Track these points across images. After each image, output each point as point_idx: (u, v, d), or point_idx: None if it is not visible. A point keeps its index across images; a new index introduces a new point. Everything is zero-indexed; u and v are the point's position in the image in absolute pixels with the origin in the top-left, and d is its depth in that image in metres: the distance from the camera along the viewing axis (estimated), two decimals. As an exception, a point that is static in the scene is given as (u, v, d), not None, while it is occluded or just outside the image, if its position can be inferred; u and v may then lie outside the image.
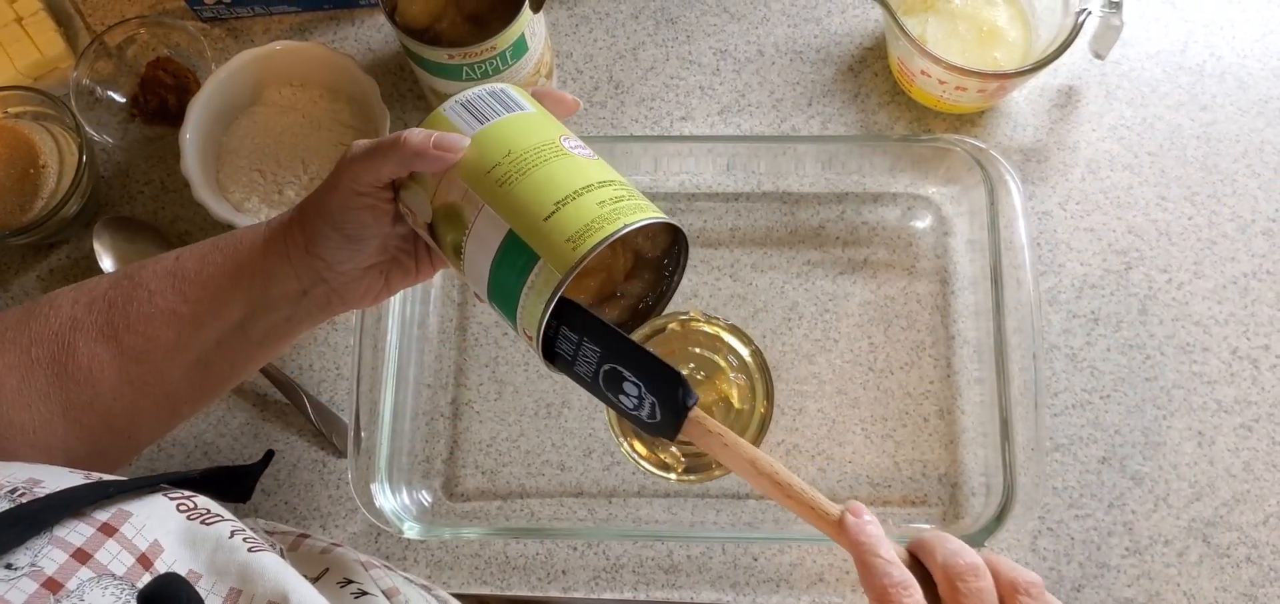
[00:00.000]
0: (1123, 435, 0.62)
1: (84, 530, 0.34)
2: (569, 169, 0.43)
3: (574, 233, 0.41)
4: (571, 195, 0.42)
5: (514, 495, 0.63)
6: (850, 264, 0.66)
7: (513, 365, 0.65)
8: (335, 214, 0.46)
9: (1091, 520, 0.60)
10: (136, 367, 0.45)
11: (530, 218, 0.42)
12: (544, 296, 0.42)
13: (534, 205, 0.42)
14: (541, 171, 0.43)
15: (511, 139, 0.44)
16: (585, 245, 0.41)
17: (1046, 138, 0.68)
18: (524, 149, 0.44)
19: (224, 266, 0.46)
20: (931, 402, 0.63)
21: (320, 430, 0.64)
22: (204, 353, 0.47)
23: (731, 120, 0.70)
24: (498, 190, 0.43)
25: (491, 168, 0.43)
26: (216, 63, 0.70)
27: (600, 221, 0.41)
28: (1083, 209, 0.67)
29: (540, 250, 0.42)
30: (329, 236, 0.46)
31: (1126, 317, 0.64)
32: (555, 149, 0.44)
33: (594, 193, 0.43)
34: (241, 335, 0.48)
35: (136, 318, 0.45)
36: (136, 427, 0.48)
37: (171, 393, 0.48)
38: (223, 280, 0.46)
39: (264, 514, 0.63)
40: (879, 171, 0.66)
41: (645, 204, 0.44)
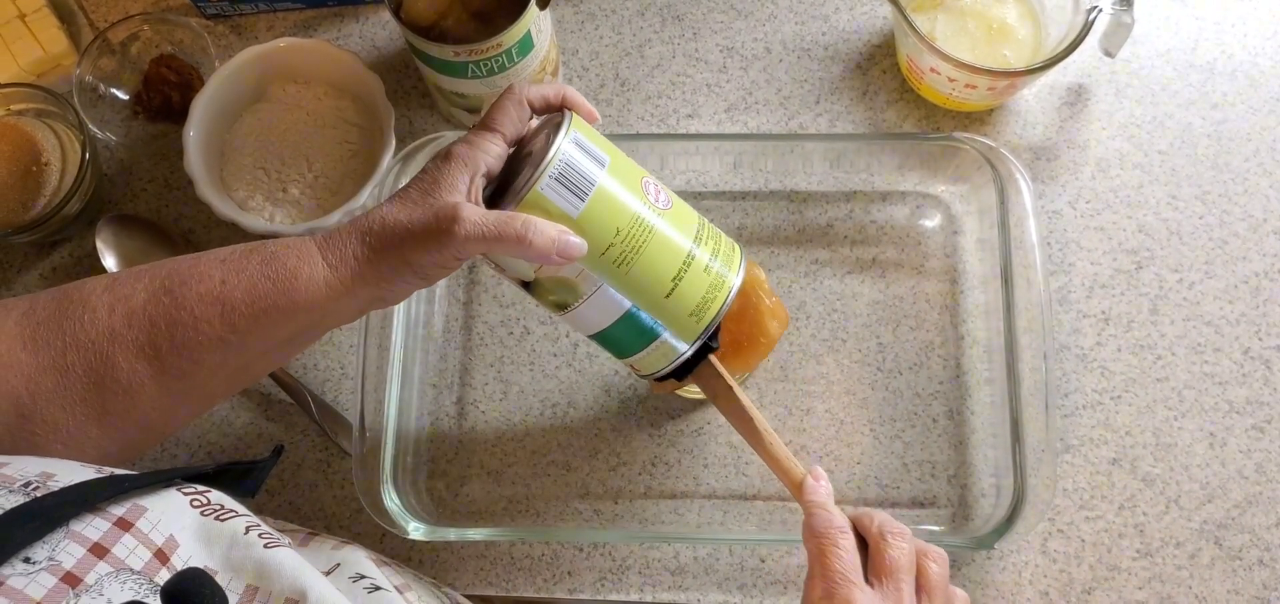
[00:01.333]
0: (1133, 436, 0.61)
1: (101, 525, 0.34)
2: (670, 236, 0.47)
3: (694, 307, 0.48)
4: (682, 268, 0.47)
5: (519, 496, 0.62)
6: (858, 263, 0.65)
7: (518, 365, 0.65)
8: (428, 272, 0.45)
9: (1102, 522, 0.60)
10: (179, 383, 0.45)
11: (651, 297, 0.47)
12: (669, 358, 0.50)
13: (654, 285, 0.47)
14: (651, 247, 0.47)
15: (616, 213, 0.46)
16: (706, 319, 0.48)
17: (1056, 136, 0.68)
18: (629, 222, 0.46)
19: (279, 304, 0.44)
20: (940, 402, 0.63)
21: (325, 430, 0.64)
22: (245, 364, 0.47)
23: (739, 118, 0.70)
24: (615, 271, 0.47)
25: (606, 249, 0.46)
26: (220, 60, 0.69)
27: (712, 292, 0.48)
28: (1093, 208, 0.66)
29: (664, 324, 0.48)
30: (408, 280, 0.46)
31: (1137, 316, 0.64)
32: (654, 212, 0.47)
33: (697, 259, 0.48)
34: (285, 349, 0.48)
35: (181, 342, 0.44)
36: (170, 428, 0.48)
37: (209, 398, 0.48)
38: (275, 316, 0.45)
39: (269, 514, 0.62)
40: (887, 170, 0.65)
41: (732, 248, 0.50)
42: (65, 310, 0.44)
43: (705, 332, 0.48)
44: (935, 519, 0.60)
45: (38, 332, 0.43)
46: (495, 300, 0.66)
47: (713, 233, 0.50)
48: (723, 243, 0.50)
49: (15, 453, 0.42)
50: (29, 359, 0.43)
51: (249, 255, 0.45)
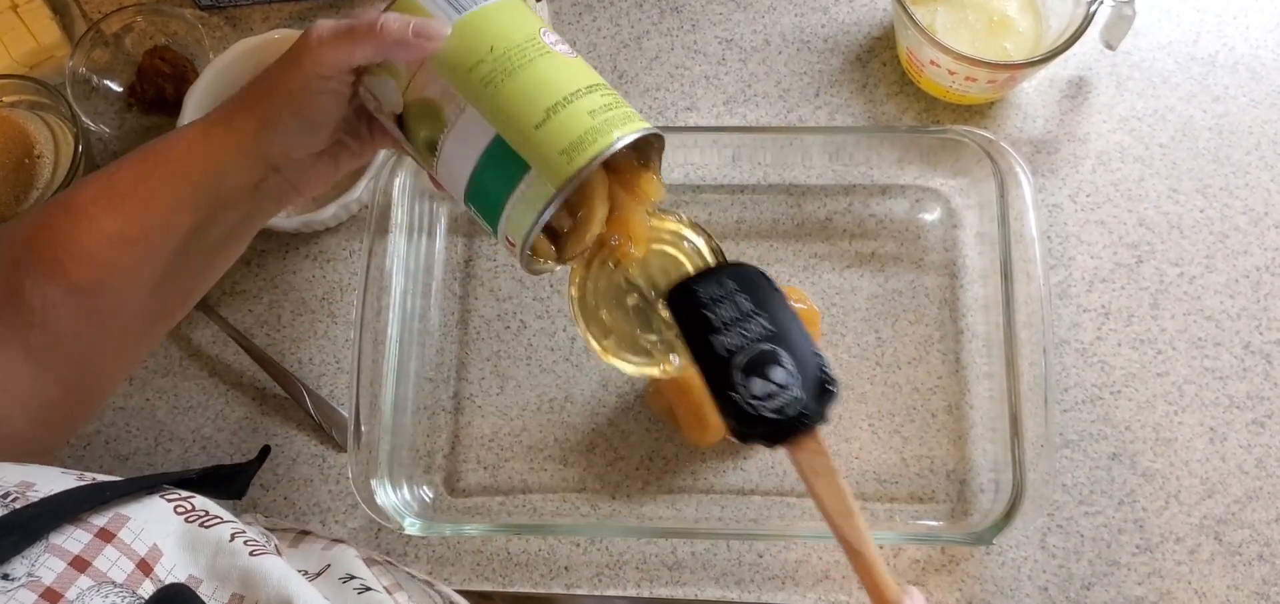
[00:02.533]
0: (1133, 431, 0.61)
1: (81, 537, 0.33)
2: (557, 70, 0.42)
3: (567, 144, 0.40)
4: (561, 101, 0.41)
5: (516, 491, 0.62)
6: (857, 257, 0.65)
7: (515, 359, 0.64)
8: (295, 96, 0.43)
9: (1101, 517, 0.59)
10: (92, 299, 0.43)
11: (520, 125, 0.41)
12: (536, 208, 0.41)
13: (524, 111, 0.41)
14: (529, 73, 0.41)
15: (494, 32, 0.42)
16: (580, 160, 0.40)
17: (1057, 129, 0.67)
18: (507, 45, 0.42)
19: (165, 177, 0.43)
20: (940, 397, 0.62)
21: (320, 425, 0.63)
22: (162, 272, 0.45)
23: (737, 111, 0.69)
24: (483, 91, 0.42)
25: (475, 64, 0.42)
26: (214, 52, 0.69)
27: (593, 134, 0.40)
28: (1093, 202, 0.66)
29: (531, 160, 0.41)
30: (285, 122, 0.44)
31: (1137, 311, 0.63)
32: (538, 47, 0.42)
33: (584, 100, 0.41)
34: (198, 243, 0.45)
35: (80, 248, 0.42)
36: (107, 361, 0.46)
37: (137, 318, 0.46)
38: (166, 191, 0.43)
39: (263, 509, 0.62)
40: (887, 163, 0.65)
41: (632, 113, 0.43)
42: None
43: (576, 175, 0.39)
44: (934, 514, 0.60)
45: None
46: (492, 294, 0.66)
47: (615, 98, 0.43)
48: (623, 108, 0.43)
49: None
50: None
51: (138, 149, 0.44)
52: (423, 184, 0.64)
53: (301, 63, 0.43)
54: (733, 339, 0.39)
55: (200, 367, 0.65)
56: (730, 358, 0.38)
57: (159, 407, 0.65)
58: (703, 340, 0.40)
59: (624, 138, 0.41)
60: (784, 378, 0.38)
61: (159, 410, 0.65)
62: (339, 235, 0.68)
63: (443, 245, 0.66)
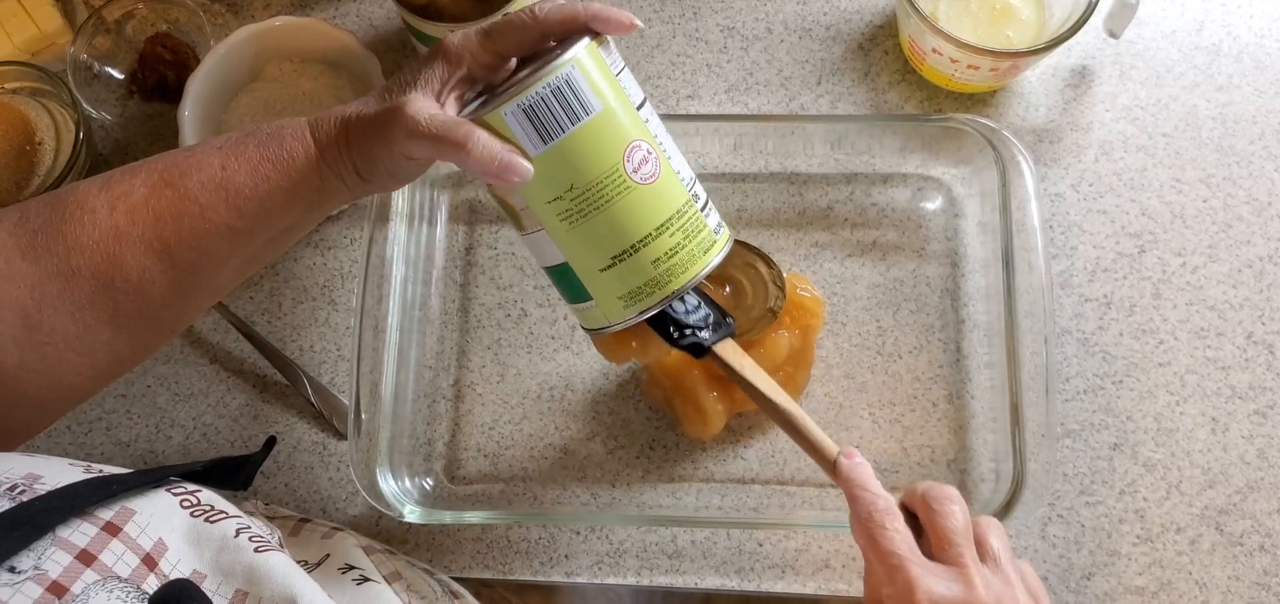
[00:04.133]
0: (1135, 421, 0.61)
1: (88, 530, 0.33)
2: (633, 211, 0.44)
3: (629, 292, 0.45)
4: (629, 249, 0.44)
5: (516, 479, 0.62)
6: (859, 246, 0.65)
7: (515, 348, 0.64)
8: (386, 166, 0.44)
9: (1102, 507, 0.59)
10: (189, 276, 0.44)
11: (588, 264, 0.45)
12: (595, 326, 0.48)
13: (593, 254, 0.45)
14: (603, 216, 0.44)
15: (576, 168, 0.43)
16: (635, 309, 0.45)
17: (1059, 118, 0.67)
18: (587, 185, 0.43)
19: (280, 184, 0.44)
20: (940, 386, 0.62)
21: (321, 413, 0.63)
22: (253, 254, 0.47)
23: (739, 99, 0.69)
24: (558, 224, 0.44)
25: (553, 199, 0.44)
26: (216, 38, 0.69)
27: (654, 286, 0.45)
28: (1095, 191, 0.65)
29: (594, 294, 0.46)
30: (382, 178, 0.46)
31: (1140, 301, 0.63)
32: (619, 182, 0.43)
33: (653, 245, 0.44)
34: (287, 235, 0.48)
35: (190, 233, 0.43)
36: (181, 323, 0.48)
37: (217, 290, 0.48)
38: (279, 197, 0.44)
39: (264, 497, 0.62)
40: (889, 152, 0.65)
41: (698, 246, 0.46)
42: (63, 215, 0.43)
43: (632, 322, 0.46)
44: (934, 504, 0.60)
45: (36, 238, 0.42)
46: (492, 282, 0.66)
47: (693, 223, 0.45)
48: (698, 237, 0.46)
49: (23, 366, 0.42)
50: (30, 268, 0.42)
51: (246, 139, 0.45)
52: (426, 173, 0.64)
53: (392, 145, 0.43)
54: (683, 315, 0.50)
55: (201, 354, 0.66)
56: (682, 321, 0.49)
57: (160, 393, 0.65)
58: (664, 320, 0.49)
59: (677, 290, 0.45)
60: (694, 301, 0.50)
61: (160, 397, 0.65)
62: (340, 222, 0.68)
63: (443, 233, 0.66)
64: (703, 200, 0.47)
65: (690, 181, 0.47)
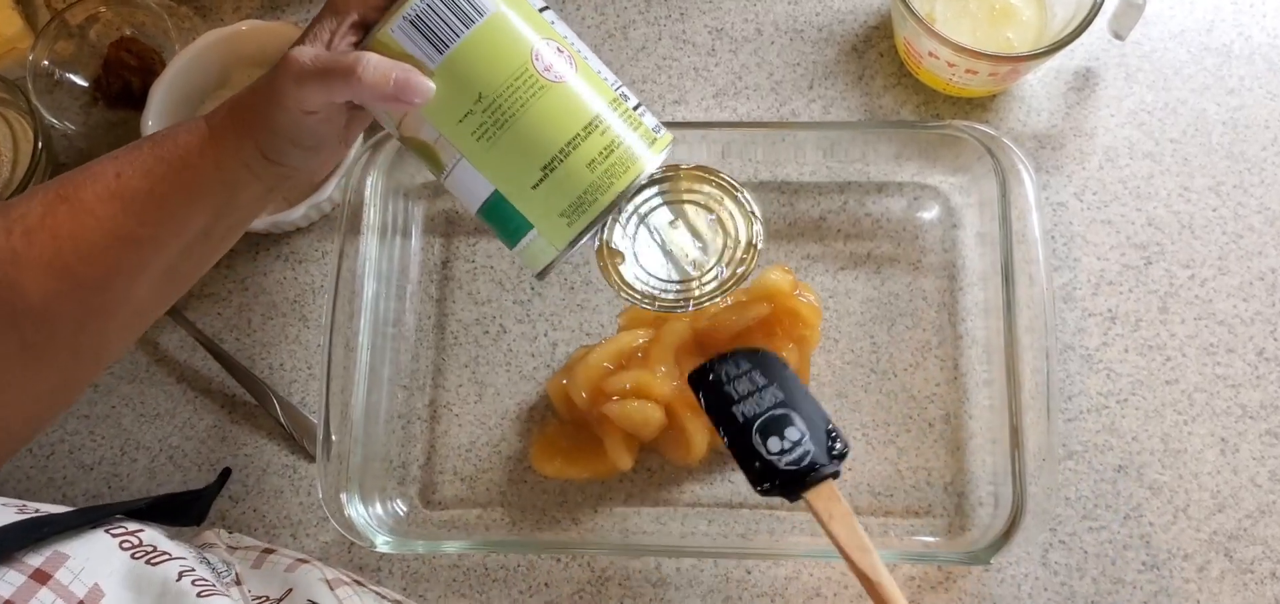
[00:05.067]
0: (1140, 442, 0.58)
1: (14, 579, 0.31)
2: (553, 112, 0.40)
3: (568, 207, 0.40)
4: (558, 155, 0.40)
5: (494, 504, 0.59)
6: (852, 258, 0.62)
7: (494, 366, 0.62)
8: (287, 133, 0.42)
9: (1106, 533, 0.57)
10: (99, 296, 0.42)
11: (517, 183, 0.41)
12: (545, 259, 0.42)
13: (520, 169, 0.40)
14: (521, 123, 0.39)
15: (481, 73, 0.39)
16: (581, 223, 0.40)
17: (1062, 123, 0.65)
18: (497, 90, 0.39)
19: (178, 183, 0.42)
20: (937, 405, 0.60)
21: (290, 434, 0.61)
22: (169, 266, 0.44)
23: (727, 104, 0.66)
24: (475, 145, 0.40)
25: (464, 116, 0.40)
26: (182, 42, 0.66)
27: (593, 192, 0.40)
28: (1100, 200, 0.63)
29: (532, 219, 0.41)
30: (288, 151, 0.43)
31: (1146, 315, 0.60)
32: (530, 82, 0.40)
33: (583, 147, 0.40)
34: (205, 240, 0.45)
35: (89, 248, 0.41)
36: (105, 347, 0.45)
37: (138, 311, 0.45)
38: (179, 197, 0.42)
39: (231, 523, 0.60)
40: (884, 160, 0.62)
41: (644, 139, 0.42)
42: None
43: (579, 238, 0.41)
44: (930, 529, 0.58)
45: None
46: (470, 297, 0.63)
47: (626, 120, 0.42)
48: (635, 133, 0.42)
49: None
50: None
51: (141, 143, 0.43)
52: (397, 182, 0.61)
53: (284, 101, 0.41)
54: (749, 407, 0.45)
55: (167, 372, 0.63)
56: (749, 423, 0.45)
57: (124, 414, 0.62)
58: (726, 412, 0.45)
59: (624, 187, 0.41)
60: (795, 435, 0.44)
61: (124, 418, 0.62)
62: (310, 235, 0.65)
63: (418, 246, 0.64)
64: (635, 102, 0.43)
65: (616, 84, 0.43)
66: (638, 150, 0.41)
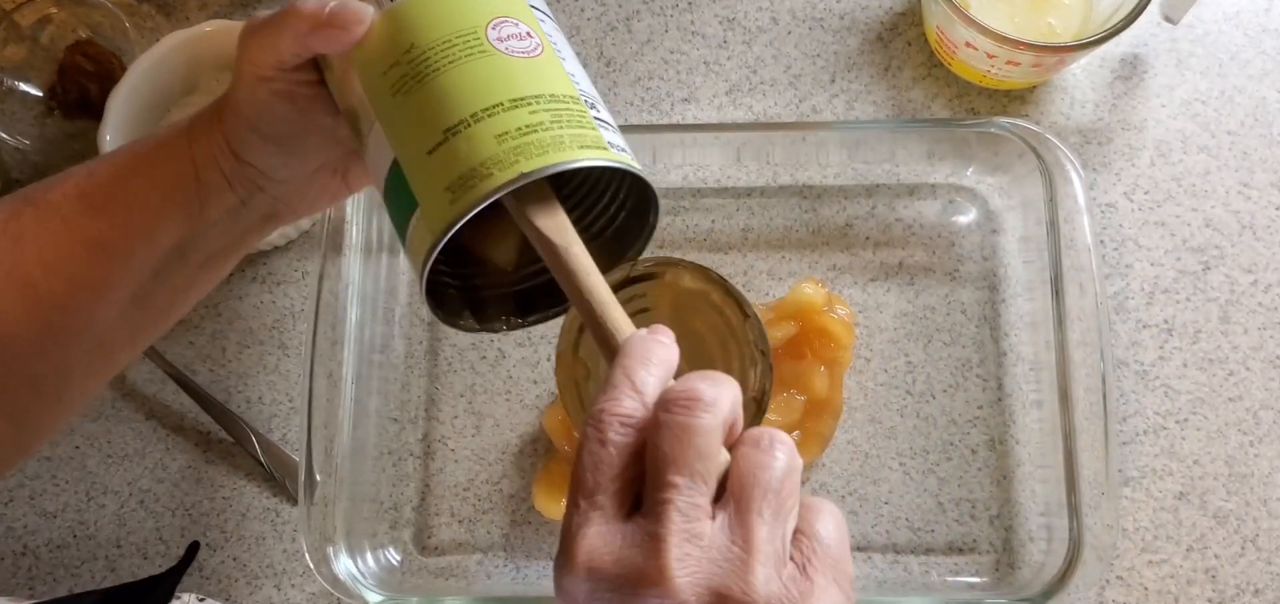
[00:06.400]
0: (1203, 466, 0.53)
1: None
2: (486, 75, 0.33)
3: (455, 179, 0.32)
4: (469, 118, 0.32)
5: (496, 548, 0.54)
6: (883, 269, 0.57)
7: (492, 394, 0.57)
8: (246, 111, 0.37)
9: (1167, 567, 0.52)
10: (62, 317, 0.38)
11: (415, 147, 0.33)
12: (418, 256, 0.33)
13: (422, 130, 0.33)
14: (443, 79, 0.33)
15: (424, 25, 0.34)
16: (463, 202, 0.31)
17: (1108, 117, 0.59)
18: (431, 42, 0.34)
19: (151, 180, 0.39)
20: (980, 430, 0.54)
21: (271, 474, 0.56)
22: (139, 288, 0.39)
23: (742, 102, 0.61)
24: (390, 101, 0.34)
25: (388, 68, 0.34)
26: (143, 46, 0.60)
27: (489, 165, 0.31)
28: (1152, 200, 0.58)
29: (418, 195, 0.33)
30: (250, 140, 0.38)
31: (1206, 326, 0.55)
32: (474, 43, 0.33)
33: (506, 116, 0.32)
34: (180, 262, 0.40)
35: (53, 254, 0.37)
36: (66, 385, 0.41)
37: (105, 342, 0.40)
38: (151, 198, 0.38)
39: (208, 573, 0.55)
40: (915, 160, 0.57)
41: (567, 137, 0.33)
42: None
43: (452, 224, 0.32)
44: (975, 568, 0.53)
45: None
46: (465, 320, 0.58)
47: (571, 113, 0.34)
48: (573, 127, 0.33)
49: None
50: None
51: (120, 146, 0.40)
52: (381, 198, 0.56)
53: (241, 69, 0.37)
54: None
55: (135, 408, 0.58)
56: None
57: (90, 456, 0.57)
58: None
59: (535, 171, 0.31)
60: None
61: (90, 460, 0.57)
62: (290, 255, 0.60)
63: (406, 264, 0.58)
64: (599, 113, 0.35)
65: (588, 95, 0.36)
66: (569, 141, 0.33)
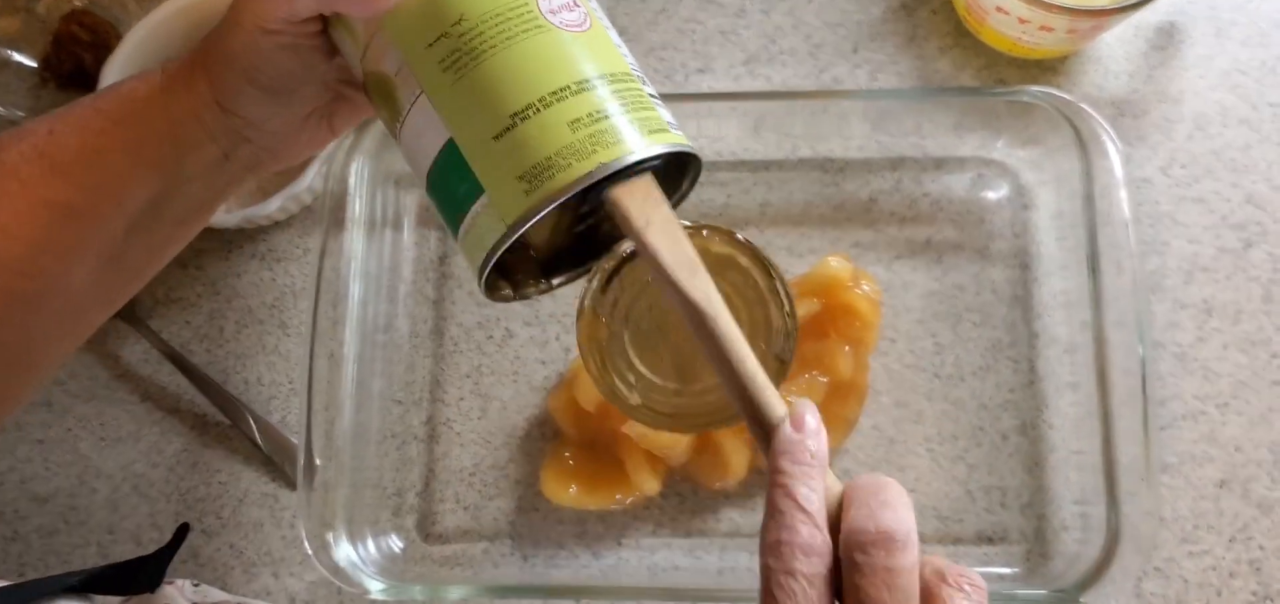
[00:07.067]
0: (1245, 452, 0.51)
1: None
2: (546, 53, 0.32)
3: (530, 168, 0.31)
4: (536, 104, 0.31)
5: (502, 535, 0.52)
6: (909, 246, 0.55)
7: (500, 376, 0.54)
8: (241, 59, 0.35)
9: (1208, 558, 0.50)
10: (25, 282, 0.36)
11: (477, 131, 0.32)
12: (485, 245, 0.32)
13: (484, 114, 0.31)
14: (502, 58, 0.31)
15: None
16: (540, 193, 0.31)
17: (1143, 88, 0.57)
18: (483, 15, 0.32)
19: (120, 142, 0.36)
20: (1011, 414, 0.52)
21: (270, 458, 0.54)
22: (110, 250, 0.38)
23: (759, 72, 0.59)
24: (440, 77, 0.32)
25: (436, 39, 0.32)
26: (140, 14, 0.58)
27: (567, 156, 0.31)
28: (1190, 175, 0.55)
29: (485, 181, 0.32)
30: (243, 91, 0.36)
31: (1247, 306, 0.53)
32: (528, 17, 0.32)
33: (572, 102, 0.31)
34: (155, 219, 0.38)
35: (11, 216, 0.35)
36: (36, 351, 0.39)
37: (76, 305, 0.39)
38: (122, 160, 0.36)
39: (203, 561, 0.53)
40: (942, 132, 0.55)
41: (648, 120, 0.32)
42: None
43: (531, 213, 0.31)
44: (1006, 558, 0.50)
45: None
46: (471, 297, 0.56)
47: (634, 95, 0.33)
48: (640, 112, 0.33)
49: None
50: None
51: (82, 99, 0.37)
52: (387, 168, 0.54)
53: (241, 19, 0.35)
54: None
55: (130, 389, 0.56)
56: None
57: (82, 438, 0.55)
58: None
59: (608, 164, 0.31)
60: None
61: (82, 442, 0.55)
62: (291, 230, 0.58)
63: (411, 241, 0.56)
64: (652, 89, 0.35)
65: (636, 69, 0.35)
66: (639, 126, 0.32)
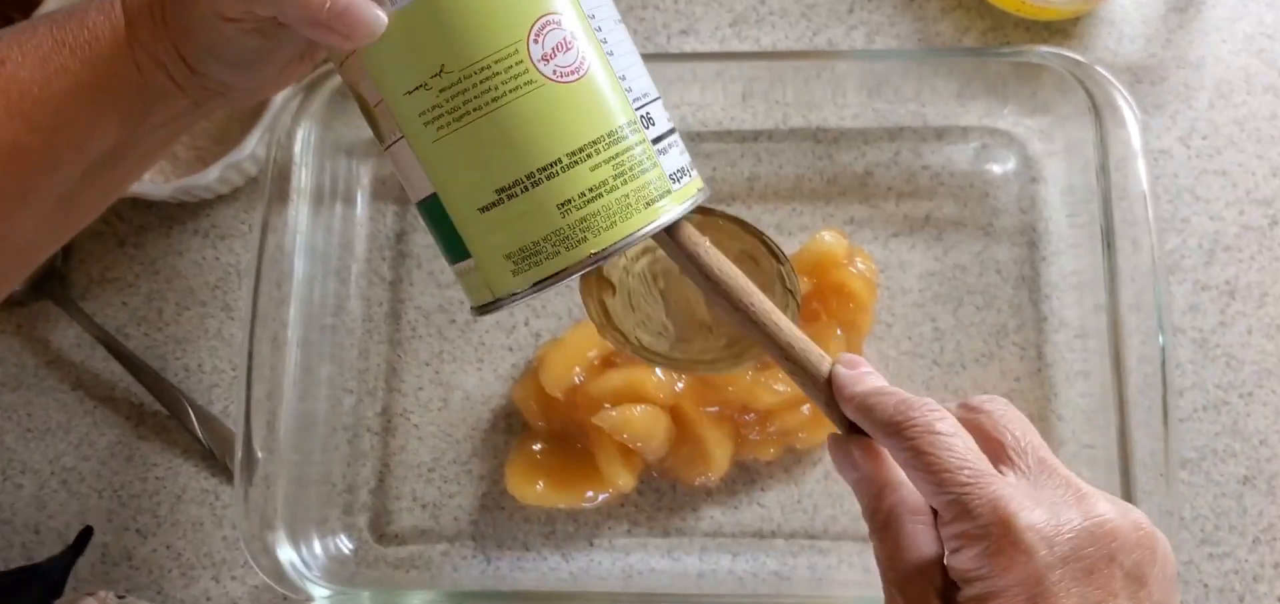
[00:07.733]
0: (1271, 447, 0.48)
1: None
2: (531, 122, 0.31)
3: (518, 250, 0.31)
4: (524, 181, 0.30)
5: (463, 537, 0.49)
6: (907, 222, 0.52)
7: (462, 364, 0.51)
8: (203, 40, 0.34)
9: (1231, 560, 0.47)
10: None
11: (463, 196, 0.31)
12: (475, 300, 0.33)
13: (470, 179, 0.31)
14: (487, 123, 0.30)
15: (451, 36, 0.30)
16: (527, 277, 0.31)
17: (1161, 52, 0.54)
18: (466, 68, 0.30)
19: (83, 80, 0.34)
20: (1018, 404, 0.48)
21: (211, 451, 0.51)
22: (64, 193, 0.36)
23: (747, 34, 0.55)
24: (422, 131, 0.31)
25: (415, 88, 0.30)
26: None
27: (556, 242, 0.31)
28: (1211, 146, 0.52)
29: (472, 249, 0.32)
30: (205, 61, 0.34)
31: (1273, 288, 0.50)
32: (516, 72, 0.30)
33: (560, 180, 0.30)
34: (114, 162, 0.37)
35: None
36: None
37: (24, 246, 0.38)
38: (84, 99, 0.34)
39: (139, 563, 0.49)
40: (944, 99, 0.52)
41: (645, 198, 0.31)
42: None
43: (522, 293, 0.32)
44: (1013, 561, 0.47)
45: None
46: (431, 278, 0.52)
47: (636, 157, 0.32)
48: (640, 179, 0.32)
49: None
50: None
51: (37, 23, 0.35)
52: (337, 136, 0.50)
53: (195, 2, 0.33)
54: None
55: (60, 377, 0.52)
56: None
57: (6, 430, 0.52)
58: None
59: (603, 251, 0.31)
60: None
61: (7, 435, 0.52)
62: (235, 204, 0.54)
63: (365, 215, 0.53)
64: (661, 130, 0.33)
65: (642, 97, 0.32)
66: (636, 201, 0.32)
